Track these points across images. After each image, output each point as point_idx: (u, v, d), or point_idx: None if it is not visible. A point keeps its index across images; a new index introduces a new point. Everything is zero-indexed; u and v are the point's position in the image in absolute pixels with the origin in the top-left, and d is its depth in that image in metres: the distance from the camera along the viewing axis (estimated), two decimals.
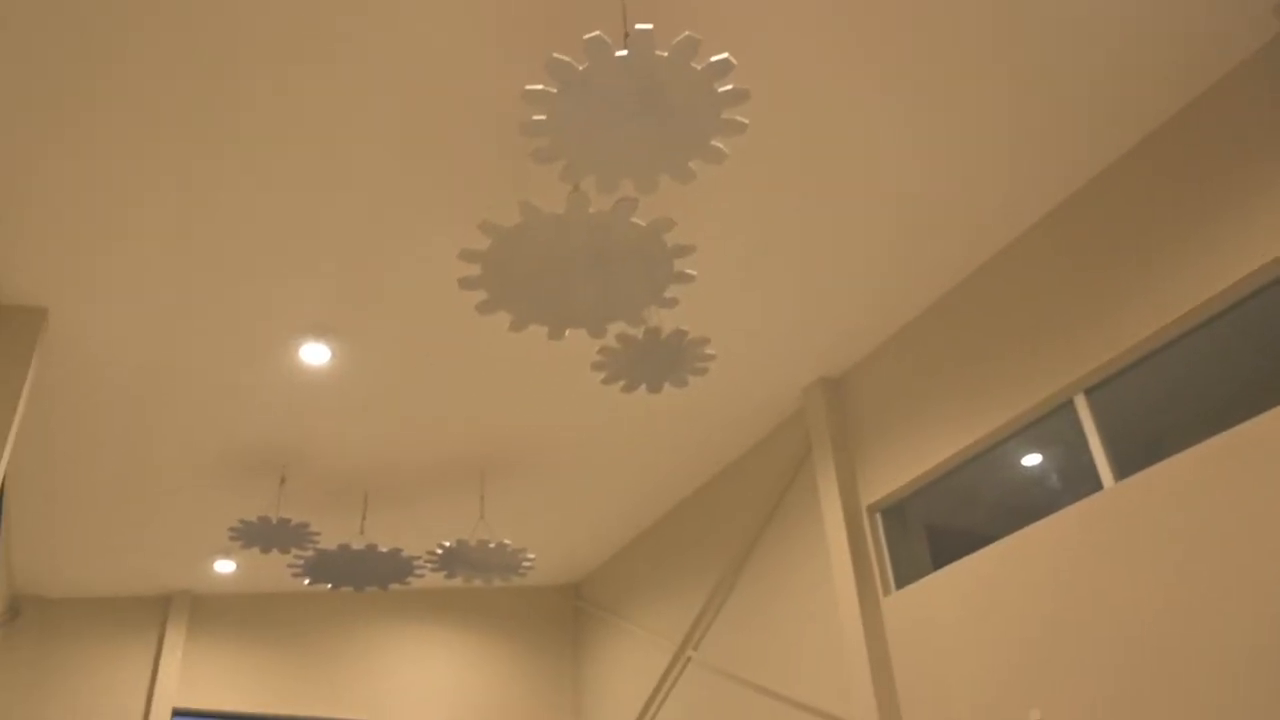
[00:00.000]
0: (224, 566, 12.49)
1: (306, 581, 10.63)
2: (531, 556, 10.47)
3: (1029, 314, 8.29)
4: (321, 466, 10.54)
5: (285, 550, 10.04)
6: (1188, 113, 7.20)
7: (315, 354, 8.65)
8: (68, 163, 6.49)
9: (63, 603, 12.54)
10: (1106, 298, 7.59)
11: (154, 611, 12.96)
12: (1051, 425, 8.11)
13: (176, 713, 12.68)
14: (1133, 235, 7.50)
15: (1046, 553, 7.75)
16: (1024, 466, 8.48)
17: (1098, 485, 7.48)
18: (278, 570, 12.72)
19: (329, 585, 10.73)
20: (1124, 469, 7.33)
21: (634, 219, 5.79)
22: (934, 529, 9.46)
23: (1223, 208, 6.86)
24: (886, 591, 9.38)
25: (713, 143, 5.15)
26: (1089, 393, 7.70)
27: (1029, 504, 8.20)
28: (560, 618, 15.32)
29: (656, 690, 12.74)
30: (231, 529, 9.68)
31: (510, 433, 10.48)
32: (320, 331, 8.42)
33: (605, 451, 11.22)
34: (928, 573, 8.95)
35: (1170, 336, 7.20)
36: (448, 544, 10.15)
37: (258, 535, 9.76)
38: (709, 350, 7.23)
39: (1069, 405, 7.85)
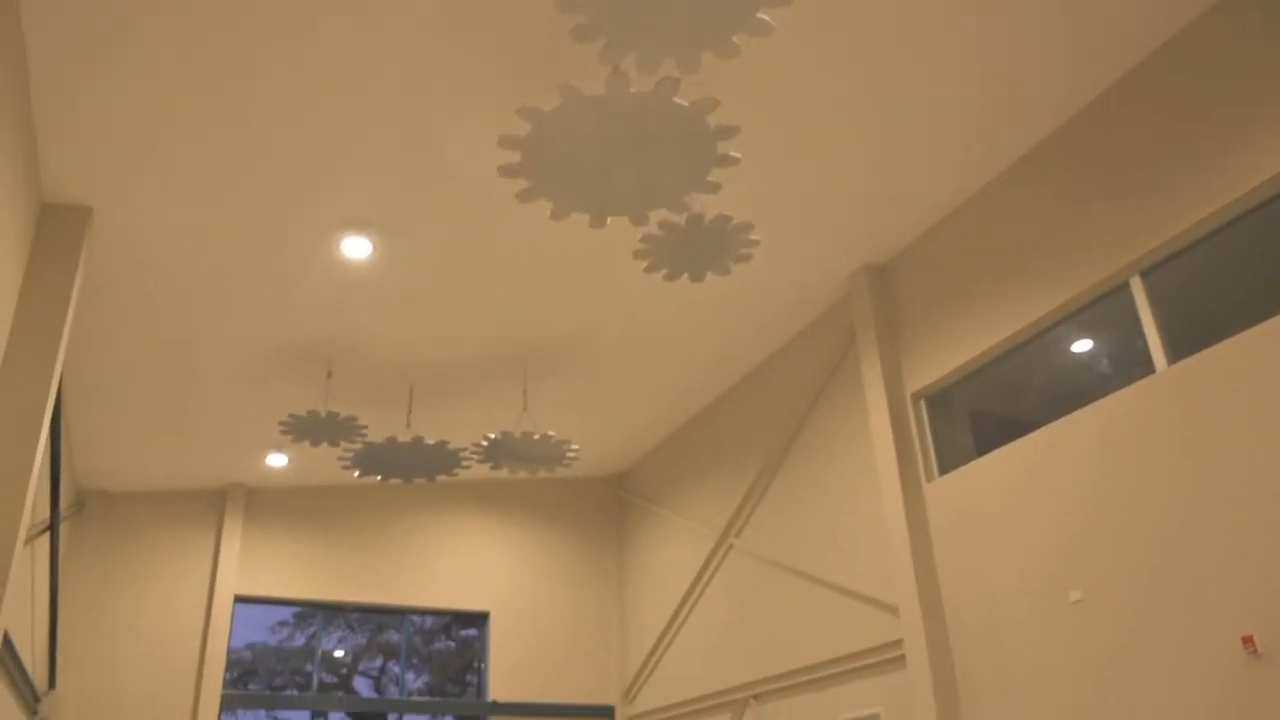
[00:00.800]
0: (276, 460, 12.80)
1: (356, 474, 10.86)
2: (575, 447, 10.59)
3: (1083, 197, 8.04)
4: (367, 360, 10.66)
5: (334, 443, 10.23)
6: None
7: (356, 247, 8.65)
8: (108, 64, 6.42)
9: (124, 496, 12.96)
10: (1163, 179, 7.33)
11: (211, 504, 13.38)
12: (1103, 309, 7.94)
13: (238, 599, 13.20)
14: (1190, 115, 7.18)
15: (1093, 437, 7.69)
16: (1072, 352, 8.34)
17: (1149, 369, 7.36)
18: (328, 463, 13.03)
19: (378, 477, 10.96)
20: (1177, 352, 7.19)
21: (676, 99, 5.63)
22: (979, 416, 9.40)
23: None
24: (930, 478, 9.40)
25: (759, 15, 4.95)
26: (1145, 275, 7.51)
27: (1076, 390, 8.10)
28: (604, 508, 15.61)
29: (698, 578, 13.01)
30: (281, 423, 9.87)
31: (552, 324, 10.49)
32: (361, 225, 8.40)
33: (647, 343, 11.22)
34: (972, 460, 8.94)
35: (1228, 218, 6.96)
36: (493, 436, 10.29)
37: (307, 429, 9.95)
38: (753, 236, 7.11)
39: (1124, 288, 7.67)
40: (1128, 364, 7.63)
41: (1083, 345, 8.26)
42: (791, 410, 11.56)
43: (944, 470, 9.33)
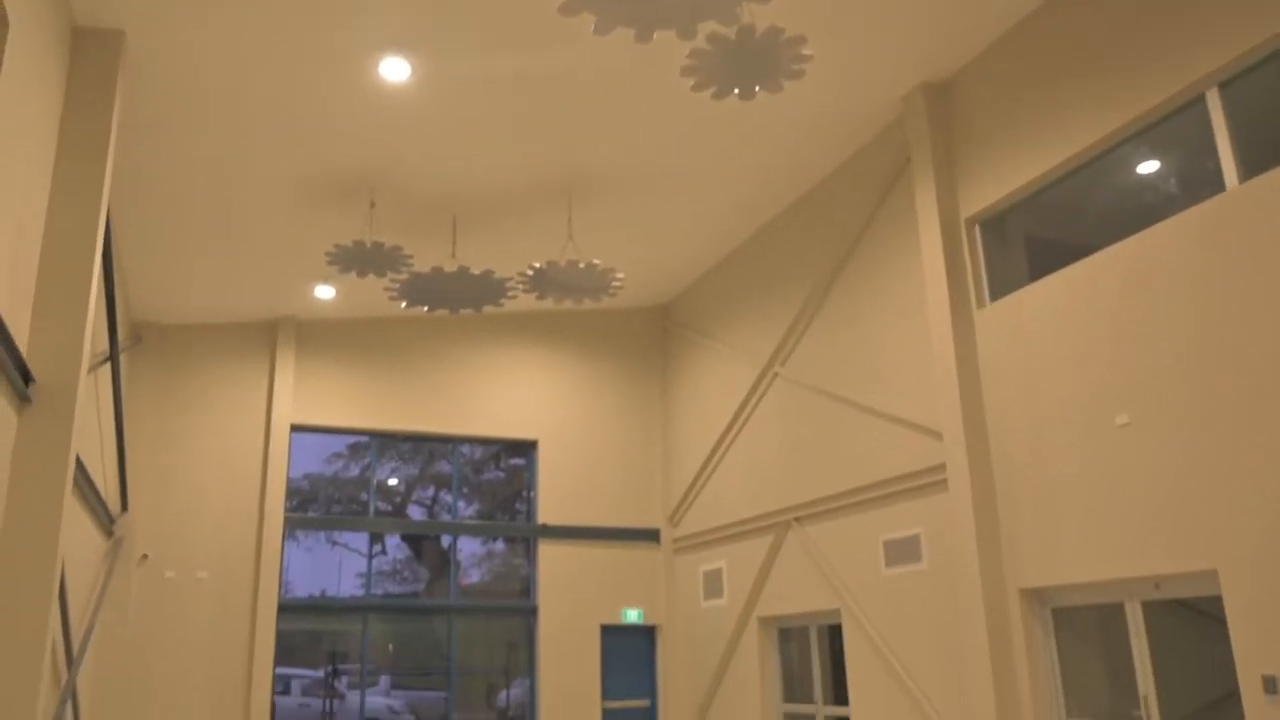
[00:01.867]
0: (324, 292, 12.92)
1: (403, 305, 10.93)
2: (621, 276, 10.53)
3: (1159, 5, 7.53)
4: (409, 190, 10.55)
5: (381, 274, 10.26)
6: None
7: (395, 69, 8.40)
8: None
9: (180, 329, 13.22)
10: None
11: (264, 337, 13.62)
12: (1175, 126, 7.56)
13: (294, 429, 13.61)
14: None
15: (1154, 259, 7.47)
16: (1137, 173, 8.02)
17: (1220, 188, 7.06)
18: (376, 295, 13.13)
19: (425, 308, 11.02)
20: (1251, 170, 6.87)
21: None
22: (1034, 241, 9.16)
23: None
24: (981, 304, 9.27)
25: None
26: (1222, 87, 7.10)
27: (1138, 212, 7.82)
28: (649, 338, 15.70)
29: (743, 406, 13.16)
30: (328, 253, 9.88)
31: (597, 150, 10.25)
32: (398, 46, 8.12)
33: (693, 169, 10.96)
34: (1025, 285, 8.77)
35: None
36: (538, 265, 10.25)
37: (353, 259, 9.96)
38: (806, 51, 6.77)
39: (1199, 102, 7.27)
40: (1196, 184, 7.33)
41: (1149, 165, 7.92)
42: (841, 237, 11.35)
43: (995, 296, 9.18)
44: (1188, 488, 7.18)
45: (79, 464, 8.37)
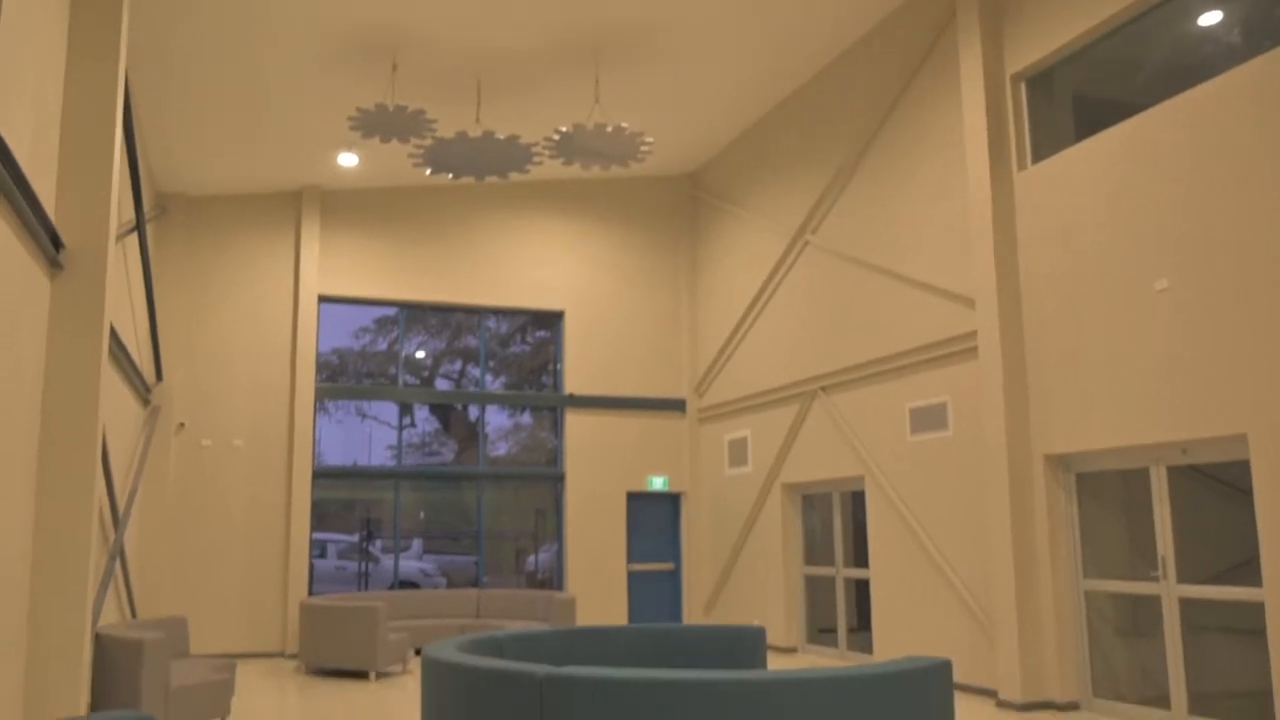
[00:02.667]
0: (347, 160, 12.74)
1: (428, 172, 10.76)
2: (649, 140, 10.28)
3: None
4: (432, 51, 10.24)
5: (404, 140, 10.06)
6: None
7: None
8: None
9: (204, 200, 13.13)
10: None
11: (288, 207, 13.52)
12: None
13: (322, 299, 13.64)
14: None
15: (1209, 116, 7.19)
16: (1197, 24, 7.64)
17: None
18: (399, 163, 12.94)
19: (449, 175, 10.85)
20: None
21: None
22: (1082, 99, 8.84)
23: None
24: (1022, 166, 9.02)
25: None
26: None
27: (1195, 68, 7.49)
28: (677, 207, 15.48)
29: (772, 275, 13.04)
30: (350, 118, 9.68)
31: (625, 8, 9.87)
32: None
33: (725, 28, 10.56)
34: (1070, 145, 8.50)
35: None
36: (564, 129, 10.01)
37: (376, 124, 9.76)
38: None
39: None
40: (1261, 34, 6.98)
41: (1211, 16, 7.55)
42: (878, 99, 11.01)
43: (1038, 158, 8.93)
44: (1222, 353, 7.10)
45: (113, 333, 8.42)
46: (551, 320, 14.97)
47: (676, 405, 14.98)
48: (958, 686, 9.55)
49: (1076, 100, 8.83)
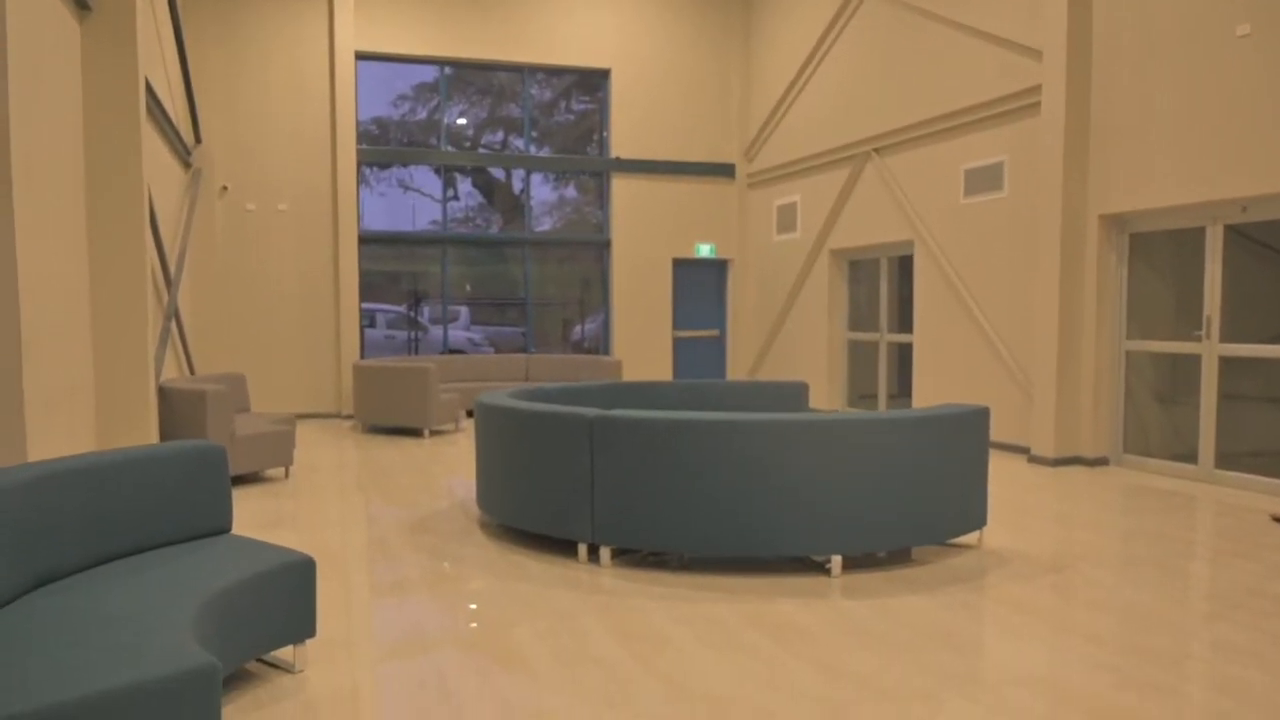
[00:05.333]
0: None
1: None
2: None
3: None
4: None
5: None
6: None
7: None
8: None
9: None
10: None
11: None
12: None
13: (359, 56, 13.23)
14: None
15: None
16: None
17: None
18: None
19: None
20: None
21: None
22: None
23: None
24: None
25: None
26: None
27: None
28: None
29: (828, 30, 12.36)
30: None
31: None
32: None
33: None
34: None
35: None
36: None
37: None
38: None
39: None
40: None
41: None
42: None
43: None
44: None
45: (149, 90, 8.27)
46: (597, 80, 14.44)
47: (725, 170, 14.65)
48: (993, 444, 9.73)
49: None
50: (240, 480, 8.16)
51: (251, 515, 6.67)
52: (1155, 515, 6.72)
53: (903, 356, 11.59)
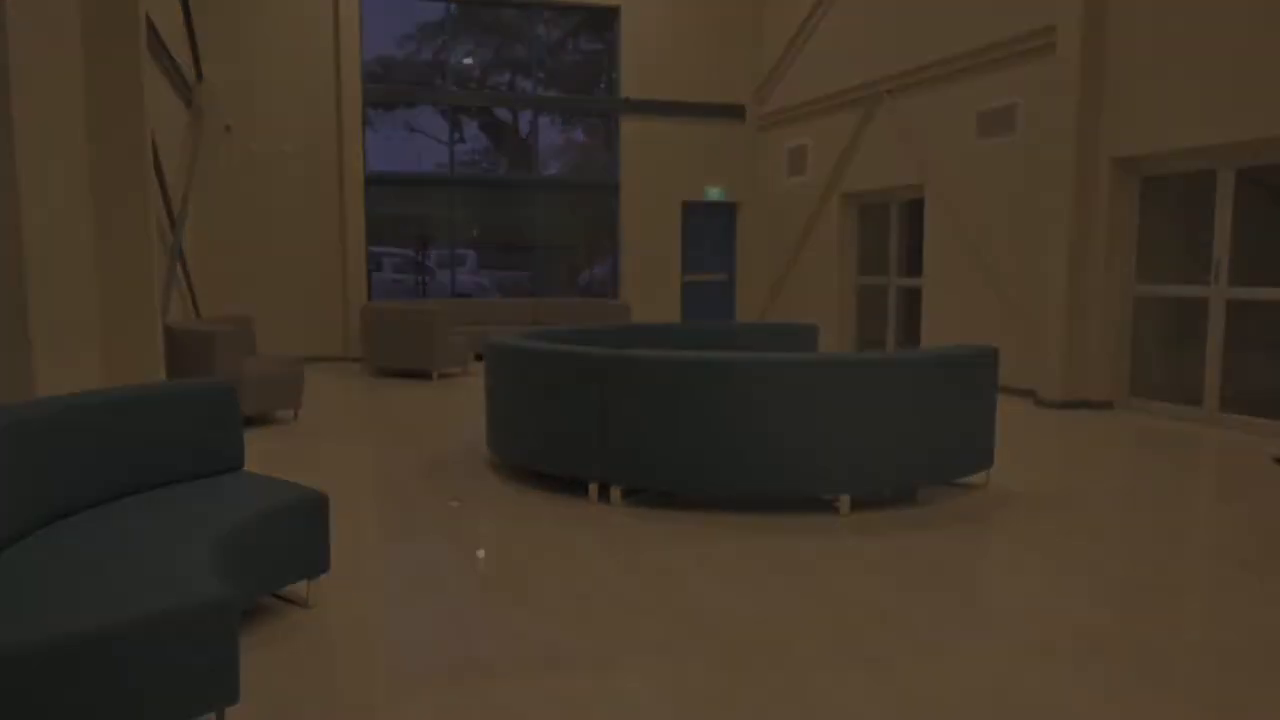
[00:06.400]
0: None
1: None
2: None
3: None
4: None
5: None
6: None
7: None
8: None
9: None
10: None
11: None
12: None
13: None
14: None
15: None
16: None
17: None
18: None
19: None
20: None
21: None
22: None
23: None
24: None
25: None
26: None
27: None
28: None
29: None
30: None
31: None
32: None
33: None
34: None
35: None
36: None
37: None
38: None
39: None
40: None
41: None
42: None
43: None
44: None
45: (150, 26, 8.13)
46: (606, 18, 14.17)
47: (736, 112, 14.44)
48: (1000, 388, 9.72)
49: None
50: (249, 422, 8.18)
51: (261, 456, 6.70)
52: (1159, 457, 6.74)
53: (912, 300, 11.53)
